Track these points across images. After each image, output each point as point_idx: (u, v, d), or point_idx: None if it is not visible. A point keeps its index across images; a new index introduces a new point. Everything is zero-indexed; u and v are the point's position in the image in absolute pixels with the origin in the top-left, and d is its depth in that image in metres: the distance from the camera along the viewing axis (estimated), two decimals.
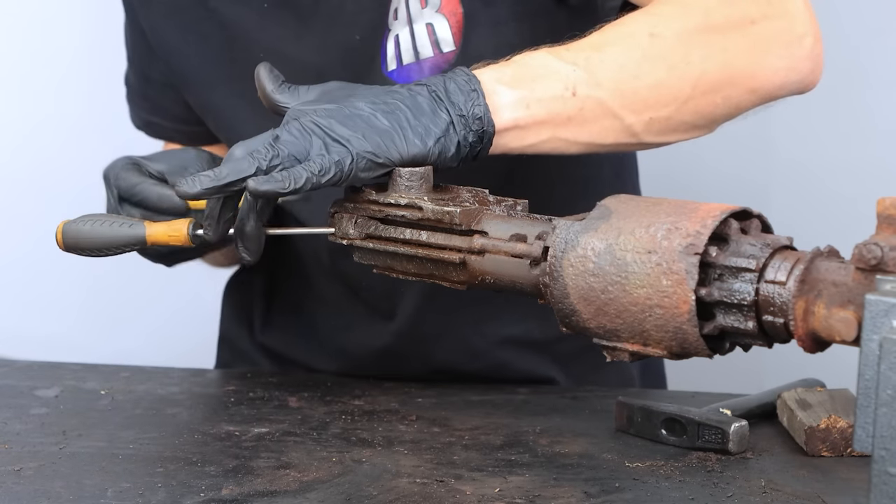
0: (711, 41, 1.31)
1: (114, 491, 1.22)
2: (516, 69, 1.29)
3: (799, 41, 1.35)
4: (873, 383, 0.97)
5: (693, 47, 1.30)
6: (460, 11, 1.43)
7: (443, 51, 1.44)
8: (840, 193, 2.11)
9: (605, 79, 1.28)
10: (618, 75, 1.29)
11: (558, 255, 1.14)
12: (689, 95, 1.30)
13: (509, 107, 1.27)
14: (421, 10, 1.43)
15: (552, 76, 1.28)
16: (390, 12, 1.45)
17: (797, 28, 1.35)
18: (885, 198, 1.02)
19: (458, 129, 1.25)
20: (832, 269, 1.04)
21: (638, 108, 1.29)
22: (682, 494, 1.21)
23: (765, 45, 1.33)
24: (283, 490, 1.22)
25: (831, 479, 1.24)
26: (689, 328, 1.08)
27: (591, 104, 1.28)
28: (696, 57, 1.30)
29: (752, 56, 1.33)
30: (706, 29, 1.31)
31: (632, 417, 1.36)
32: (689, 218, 1.09)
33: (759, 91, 1.34)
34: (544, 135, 1.29)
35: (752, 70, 1.33)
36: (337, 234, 1.28)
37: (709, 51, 1.31)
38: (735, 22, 1.32)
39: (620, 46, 1.30)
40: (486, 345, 1.57)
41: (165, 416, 1.44)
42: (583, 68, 1.28)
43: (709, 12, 1.32)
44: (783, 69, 1.34)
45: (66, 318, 2.35)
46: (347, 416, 1.43)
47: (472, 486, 1.23)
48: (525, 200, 1.24)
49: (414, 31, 1.44)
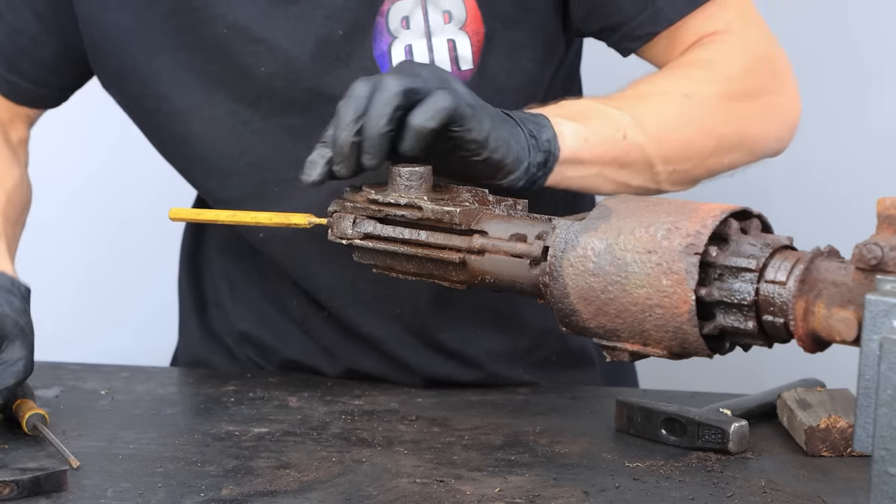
0: (732, 108, 1.42)
1: (114, 491, 1.22)
2: (569, 108, 1.35)
3: (791, 114, 1.48)
4: (873, 383, 0.97)
5: (718, 112, 1.41)
6: (482, 31, 1.43)
7: (461, 68, 1.43)
8: (840, 193, 2.11)
9: (649, 128, 1.37)
10: (659, 127, 1.38)
11: (558, 254, 1.14)
12: (709, 154, 1.41)
13: (571, 137, 1.32)
14: (444, 25, 1.42)
15: (604, 117, 1.35)
16: (393, 18, 1.42)
17: (793, 104, 1.48)
18: (885, 198, 1.02)
19: (530, 148, 1.29)
20: (832, 269, 1.04)
21: (669, 159, 1.38)
22: (682, 494, 1.21)
23: (770, 115, 1.46)
24: (283, 490, 1.22)
25: (831, 479, 1.24)
26: (689, 328, 1.08)
27: (636, 149, 1.36)
28: (720, 120, 1.41)
29: (760, 125, 1.45)
30: (729, 96, 1.42)
31: (632, 417, 1.36)
32: (689, 218, 1.09)
33: (756, 155, 1.46)
34: (594, 170, 1.35)
35: (758, 137, 1.45)
36: (336, 233, 1.28)
37: (729, 116, 1.42)
38: (752, 92, 1.44)
39: (659, 102, 1.39)
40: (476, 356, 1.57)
41: (165, 416, 1.44)
42: (630, 115, 1.36)
43: (731, 80, 1.42)
44: (777, 139, 1.47)
45: (66, 319, 2.34)
46: (347, 416, 1.43)
47: (472, 486, 1.23)
48: (525, 200, 1.24)
49: (433, 44, 1.42)
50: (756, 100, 1.44)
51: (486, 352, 1.56)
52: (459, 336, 1.55)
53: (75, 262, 2.36)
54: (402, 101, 1.22)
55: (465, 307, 1.54)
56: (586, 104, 1.38)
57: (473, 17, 1.42)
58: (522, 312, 1.57)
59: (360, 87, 1.23)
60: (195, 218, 1.37)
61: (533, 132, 1.29)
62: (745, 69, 1.44)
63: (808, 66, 2.09)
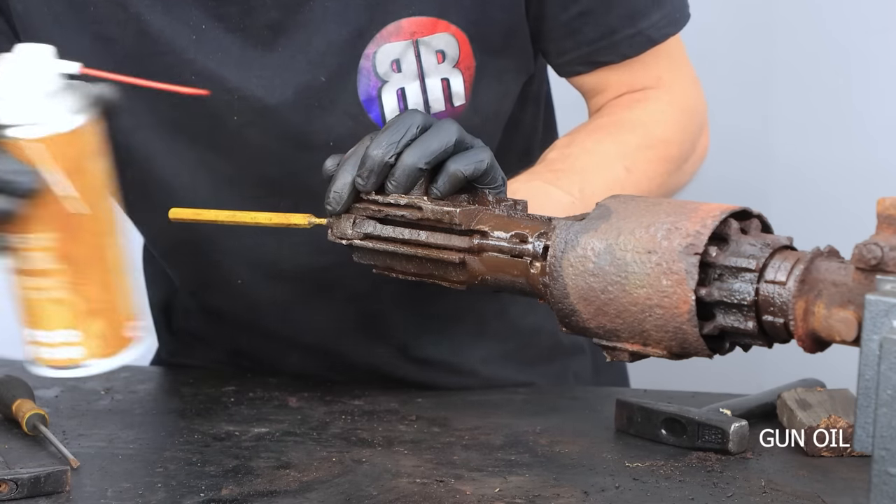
0: (667, 171, 1.47)
1: (114, 491, 1.22)
2: (518, 195, 1.33)
3: (704, 156, 1.55)
4: (873, 383, 0.97)
5: (654, 180, 1.46)
6: (473, 65, 1.41)
7: (454, 104, 1.42)
8: (840, 193, 2.11)
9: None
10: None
11: (558, 254, 1.14)
12: None
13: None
14: (437, 65, 1.40)
15: (555, 206, 1.34)
16: (381, 62, 1.39)
17: (706, 144, 1.56)
18: (885, 198, 1.02)
19: None
20: (832, 269, 1.04)
21: None
22: (682, 494, 1.21)
23: (696, 161, 1.53)
24: (283, 490, 1.22)
25: (831, 479, 1.24)
26: (689, 328, 1.08)
27: None
28: (655, 185, 1.46)
29: (684, 172, 1.52)
30: (665, 159, 1.47)
31: (632, 417, 1.36)
32: (689, 218, 1.09)
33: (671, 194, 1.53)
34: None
35: (680, 182, 1.52)
36: (336, 233, 1.28)
37: (665, 179, 1.47)
38: (684, 152, 1.50)
39: (603, 179, 1.42)
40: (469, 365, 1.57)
41: (165, 416, 1.44)
42: (578, 199, 1.38)
43: (667, 144, 1.48)
44: (691, 173, 1.54)
45: None
46: (347, 416, 1.43)
47: (472, 486, 1.23)
48: (525, 200, 1.24)
49: (426, 85, 1.40)
50: (687, 160, 1.50)
51: (480, 359, 1.56)
52: (449, 348, 1.55)
53: None
54: (453, 147, 1.23)
55: (451, 318, 1.54)
56: (536, 190, 1.37)
57: (466, 54, 1.41)
58: (510, 312, 1.57)
59: (416, 117, 1.24)
60: (195, 217, 1.37)
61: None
62: (678, 130, 1.48)
63: (807, 65, 2.09)
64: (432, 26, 1.39)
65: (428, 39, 1.39)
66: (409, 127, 1.23)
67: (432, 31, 1.39)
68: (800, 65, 1.84)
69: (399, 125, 1.23)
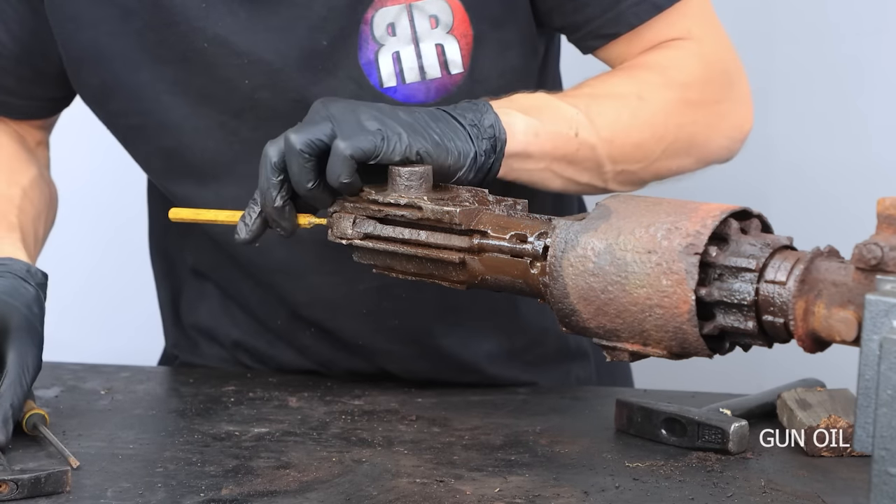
0: (684, 114, 1.43)
1: (114, 491, 1.22)
2: (523, 101, 1.37)
3: (742, 124, 1.49)
4: (873, 383, 0.97)
5: (671, 116, 1.43)
6: (471, 34, 1.42)
7: (451, 72, 1.42)
8: (840, 193, 2.11)
9: (601, 128, 1.39)
10: (612, 128, 1.40)
11: (558, 254, 1.14)
12: (657, 157, 1.43)
13: (522, 132, 1.34)
14: (431, 30, 1.41)
15: (558, 113, 1.37)
16: (378, 26, 1.41)
17: (744, 114, 1.50)
18: (885, 198, 1.02)
19: (473, 137, 1.30)
20: (832, 269, 1.04)
21: (618, 159, 1.40)
22: (682, 494, 1.21)
23: (720, 125, 1.47)
24: (283, 490, 1.22)
25: (831, 479, 1.24)
26: (689, 328, 1.08)
27: (586, 148, 1.38)
28: (672, 125, 1.42)
29: (711, 132, 1.46)
30: (683, 102, 1.44)
31: (632, 417, 1.36)
32: (689, 218, 1.09)
33: (704, 161, 1.48)
34: (542, 164, 1.37)
35: (708, 144, 1.46)
36: (336, 233, 1.28)
37: (682, 121, 1.43)
38: (704, 101, 1.46)
39: (614, 103, 1.41)
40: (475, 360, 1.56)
41: (165, 416, 1.44)
42: (584, 114, 1.38)
43: (686, 87, 1.44)
44: (726, 147, 1.49)
45: (66, 319, 2.34)
46: (347, 416, 1.43)
47: (472, 486, 1.23)
48: (525, 200, 1.24)
49: (421, 50, 1.42)
50: (708, 108, 1.46)
51: (486, 355, 1.56)
52: (458, 340, 1.55)
53: (77, 262, 2.35)
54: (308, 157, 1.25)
55: (465, 311, 1.54)
56: (541, 98, 1.38)
57: (461, 20, 1.42)
58: (521, 311, 1.57)
59: (270, 151, 1.27)
60: (195, 218, 1.38)
61: (474, 121, 1.31)
62: (700, 77, 1.45)
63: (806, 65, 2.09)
64: None
65: (421, 4, 1.41)
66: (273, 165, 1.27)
67: None
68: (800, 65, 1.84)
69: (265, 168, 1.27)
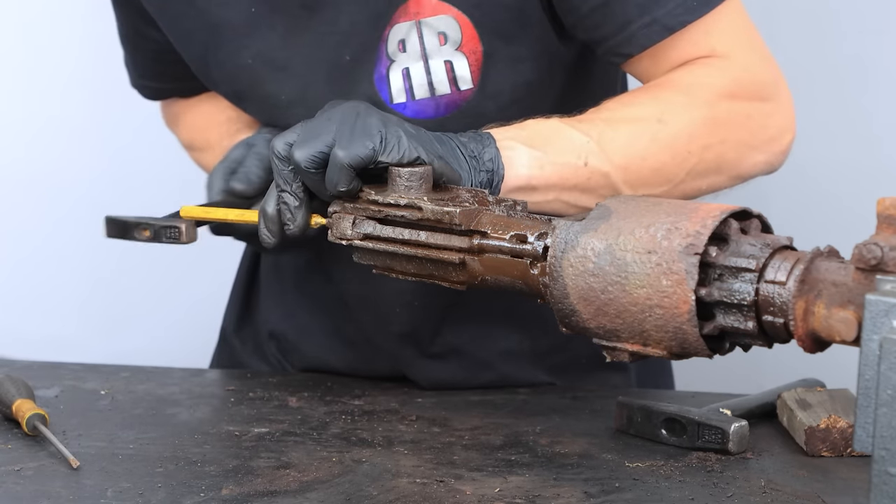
0: (712, 133, 1.40)
1: (114, 491, 1.22)
2: (531, 131, 1.36)
3: (781, 137, 1.44)
4: (873, 383, 0.97)
5: (695, 138, 1.39)
6: (480, 50, 1.42)
7: (460, 88, 1.42)
8: (840, 193, 2.11)
9: (614, 155, 1.36)
10: (626, 154, 1.37)
11: (558, 255, 1.14)
12: (682, 180, 1.39)
13: (525, 165, 1.34)
14: (439, 47, 1.41)
15: (566, 143, 1.36)
16: (391, 42, 1.42)
17: (783, 122, 1.44)
18: (885, 198, 1.02)
19: (471, 168, 1.30)
20: (832, 269, 1.04)
21: (636, 185, 1.38)
22: (682, 494, 1.21)
23: (754, 140, 1.42)
24: (283, 490, 1.22)
25: (831, 479, 1.24)
26: (689, 328, 1.08)
27: (598, 176, 1.36)
28: (697, 146, 1.39)
29: (743, 149, 1.42)
30: (710, 121, 1.40)
31: (632, 417, 1.36)
32: (689, 218, 1.09)
33: (739, 178, 1.44)
34: (550, 196, 1.36)
35: (741, 161, 1.42)
36: (336, 234, 1.28)
37: (708, 141, 1.39)
38: (735, 117, 1.41)
39: (631, 127, 1.38)
40: (489, 357, 1.56)
41: (165, 416, 1.44)
42: (595, 141, 1.36)
43: (712, 105, 1.40)
44: (763, 162, 1.44)
45: (66, 319, 2.35)
46: (347, 416, 1.43)
47: (472, 486, 1.23)
48: (525, 201, 1.24)
49: (430, 66, 1.42)
50: (738, 125, 1.41)
51: (500, 352, 1.55)
52: (471, 336, 1.55)
53: (81, 263, 2.36)
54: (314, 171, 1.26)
55: (481, 306, 1.53)
56: (550, 127, 1.37)
57: (470, 37, 1.41)
58: (543, 310, 1.56)
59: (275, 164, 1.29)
60: (204, 216, 1.38)
61: (474, 152, 1.31)
62: (728, 94, 1.41)
63: (807, 66, 2.09)
64: (433, 8, 1.41)
65: (430, 21, 1.41)
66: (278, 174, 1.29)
67: (434, 13, 1.41)
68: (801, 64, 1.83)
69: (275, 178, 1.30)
